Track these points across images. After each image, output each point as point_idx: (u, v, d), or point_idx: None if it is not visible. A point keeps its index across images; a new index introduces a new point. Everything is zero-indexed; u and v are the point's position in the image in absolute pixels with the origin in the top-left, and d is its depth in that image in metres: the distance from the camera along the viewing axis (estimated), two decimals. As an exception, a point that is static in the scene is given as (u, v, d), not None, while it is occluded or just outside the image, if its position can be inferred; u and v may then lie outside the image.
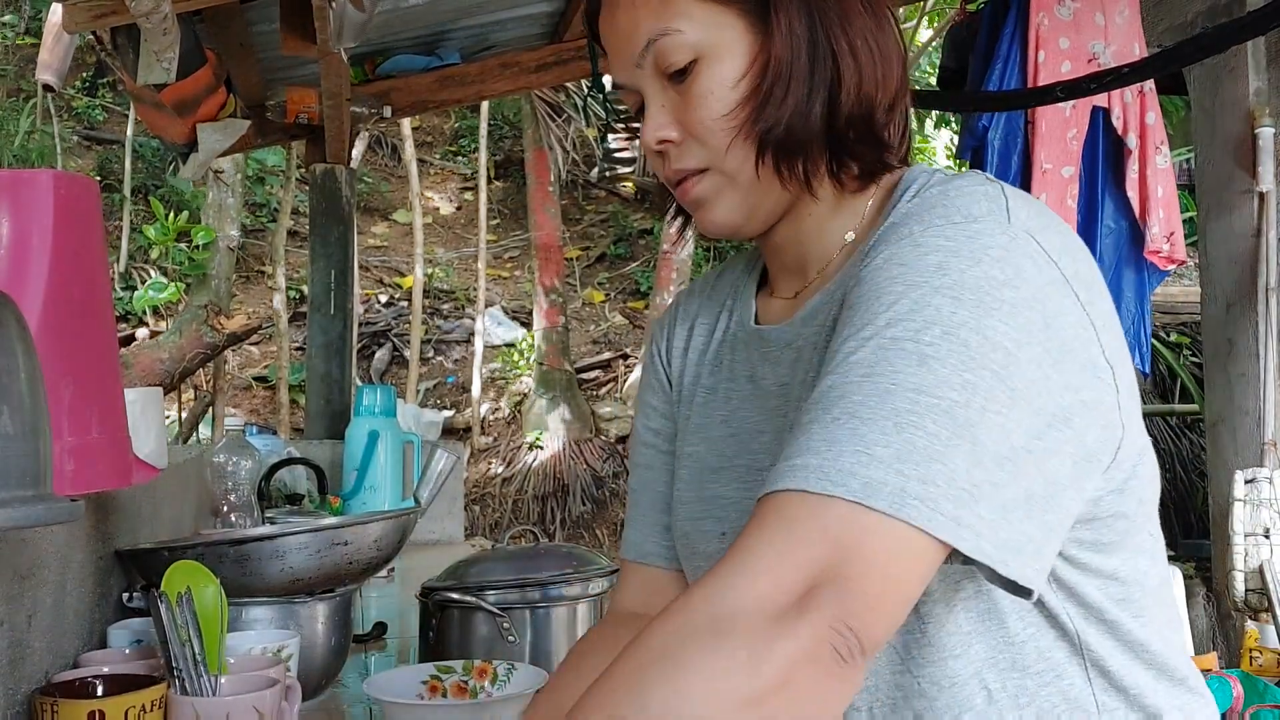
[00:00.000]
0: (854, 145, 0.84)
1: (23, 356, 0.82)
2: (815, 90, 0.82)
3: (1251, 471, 3.21)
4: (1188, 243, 3.75)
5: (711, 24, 0.82)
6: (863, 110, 0.83)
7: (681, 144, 0.86)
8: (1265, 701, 2.55)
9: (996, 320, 0.68)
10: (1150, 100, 3.46)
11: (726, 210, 0.87)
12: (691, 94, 0.84)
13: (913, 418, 0.65)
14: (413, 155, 9.23)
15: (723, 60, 0.83)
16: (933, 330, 0.68)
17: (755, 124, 0.82)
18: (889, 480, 0.63)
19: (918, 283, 0.70)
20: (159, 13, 2.04)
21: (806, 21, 0.82)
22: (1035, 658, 0.79)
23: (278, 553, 1.47)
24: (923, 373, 0.66)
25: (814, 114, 0.82)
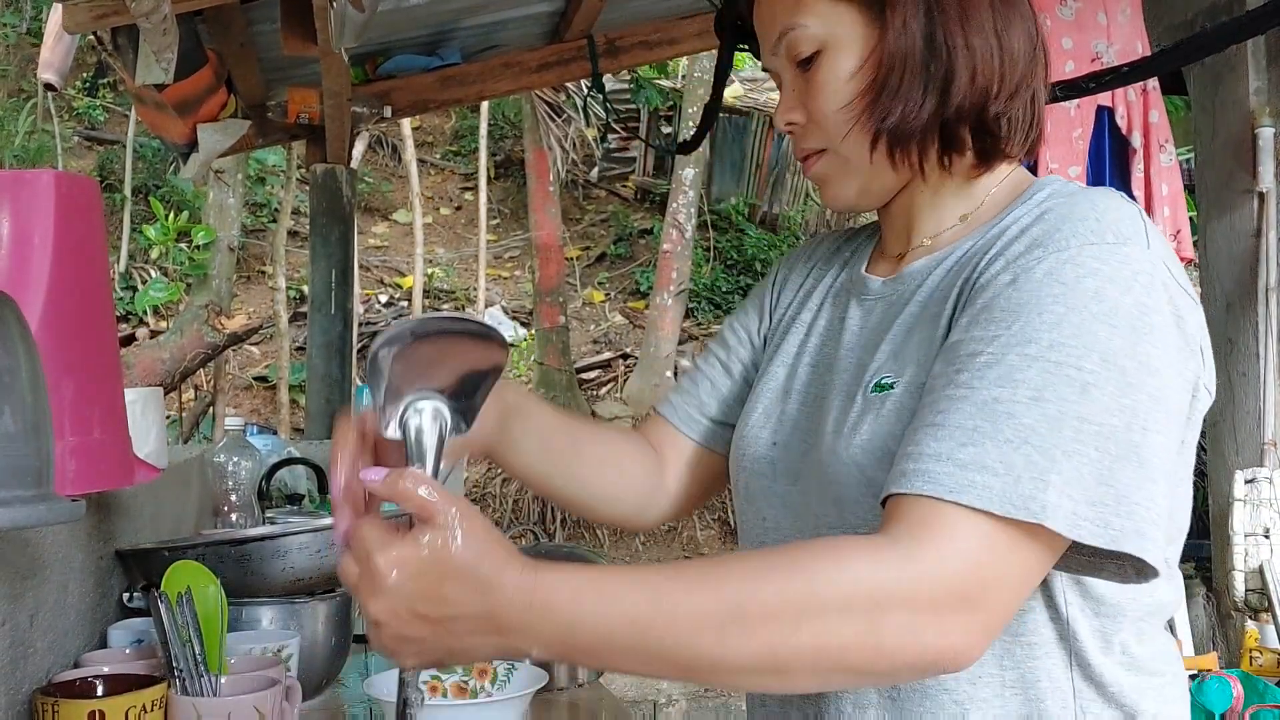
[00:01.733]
0: (966, 136, 0.89)
1: (24, 356, 0.83)
2: (930, 85, 0.87)
3: (1251, 471, 3.21)
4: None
5: (833, 19, 0.89)
6: (975, 102, 0.88)
7: (805, 127, 0.93)
8: (1265, 701, 2.55)
9: (1148, 345, 0.75)
10: (1154, 99, 3.45)
11: (843, 188, 0.94)
12: (814, 83, 0.91)
13: (1078, 446, 0.72)
14: (413, 155, 9.23)
15: (842, 53, 0.89)
16: (1092, 357, 0.74)
17: (869, 115, 0.88)
18: (1063, 505, 0.72)
19: (1077, 307, 0.76)
20: (159, 13, 2.04)
21: (924, 17, 0.87)
22: (1026, 629, 0.83)
23: (278, 553, 1.47)
24: (1085, 402, 0.73)
25: (926, 107, 0.88)
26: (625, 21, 3.79)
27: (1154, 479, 0.74)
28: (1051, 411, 0.73)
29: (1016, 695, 0.83)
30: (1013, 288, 0.79)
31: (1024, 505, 0.71)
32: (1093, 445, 0.72)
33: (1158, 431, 0.75)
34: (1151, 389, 0.75)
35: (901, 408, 0.84)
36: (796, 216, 10.41)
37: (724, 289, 10.18)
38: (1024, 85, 0.89)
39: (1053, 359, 0.74)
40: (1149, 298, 0.76)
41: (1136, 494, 0.73)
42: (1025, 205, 0.87)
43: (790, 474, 0.95)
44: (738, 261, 10.45)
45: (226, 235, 6.72)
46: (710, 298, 10.08)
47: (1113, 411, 0.73)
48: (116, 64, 2.51)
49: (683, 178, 8.83)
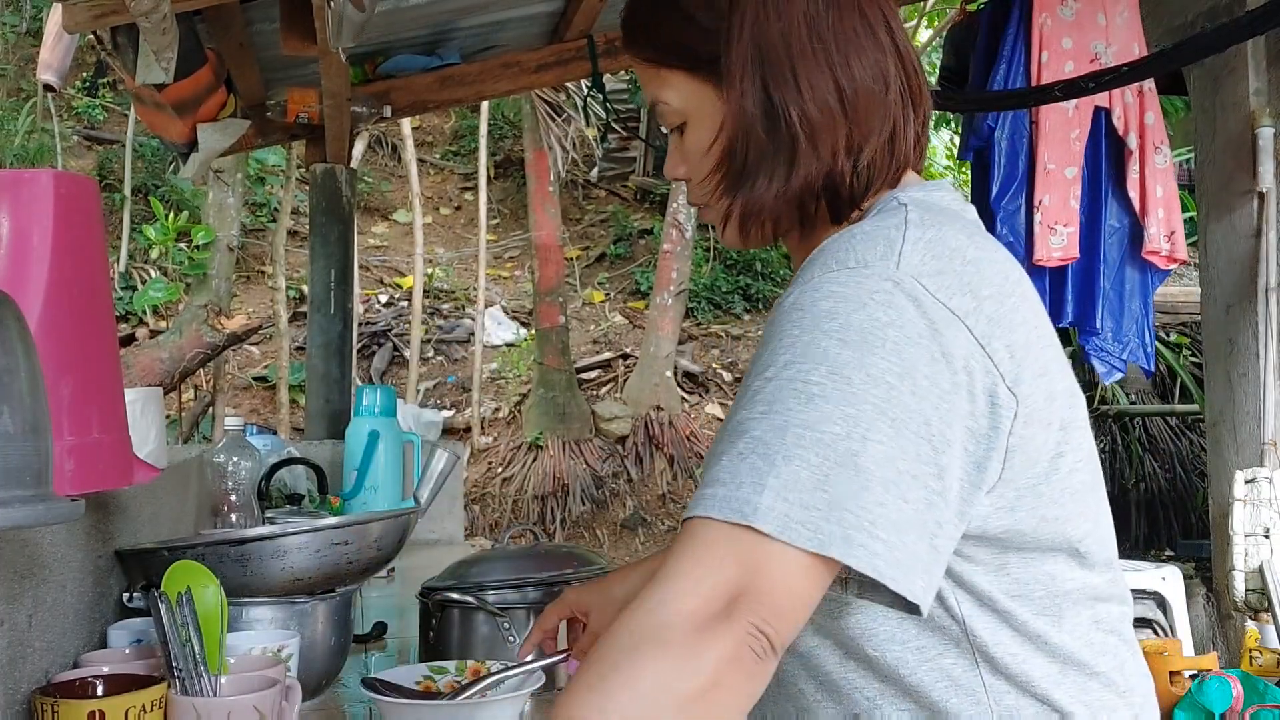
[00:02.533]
0: (818, 204, 0.91)
1: (23, 356, 0.82)
2: (777, 156, 0.89)
3: (1251, 471, 3.21)
4: (1188, 243, 3.75)
5: (688, 93, 0.93)
6: (823, 169, 0.89)
7: (690, 180, 0.97)
8: (1265, 701, 2.54)
9: (878, 358, 0.75)
10: (1149, 100, 3.46)
11: (731, 235, 0.96)
12: (682, 149, 0.96)
13: (800, 451, 0.73)
14: (413, 155, 9.22)
15: (699, 128, 0.93)
16: (820, 370, 0.75)
17: (725, 189, 0.92)
18: (775, 507, 0.72)
19: (810, 326, 0.77)
20: (158, 12, 2.04)
21: (760, 88, 0.88)
22: (915, 633, 0.83)
23: (278, 552, 1.46)
24: (809, 410, 0.74)
25: (776, 184, 0.89)
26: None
27: (870, 487, 0.73)
28: (778, 421, 0.75)
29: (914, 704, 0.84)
30: (769, 323, 0.82)
31: (738, 508, 0.72)
32: (813, 452, 0.73)
33: (879, 441, 0.73)
34: (876, 400, 0.74)
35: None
36: (796, 216, 10.40)
37: (724, 289, 10.18)
38: (879, 126, 0.89)
39: (784, 376, 0.76)
40: (885, 313, 0.76)
41: (850, 501, 0.72)
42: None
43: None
44: (738, 261, 10.45)
45: (226, 235, 6.72)
46: (710, 298, 10.08)
47: (835, 420, 0.74)
48: (116, 64, 2.51)
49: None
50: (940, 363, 0.76)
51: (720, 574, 0.72)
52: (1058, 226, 3.40)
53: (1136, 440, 6.78)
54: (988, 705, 0.83)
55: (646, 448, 8.50)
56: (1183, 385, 6.76)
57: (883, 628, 0.83)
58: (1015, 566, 0.83)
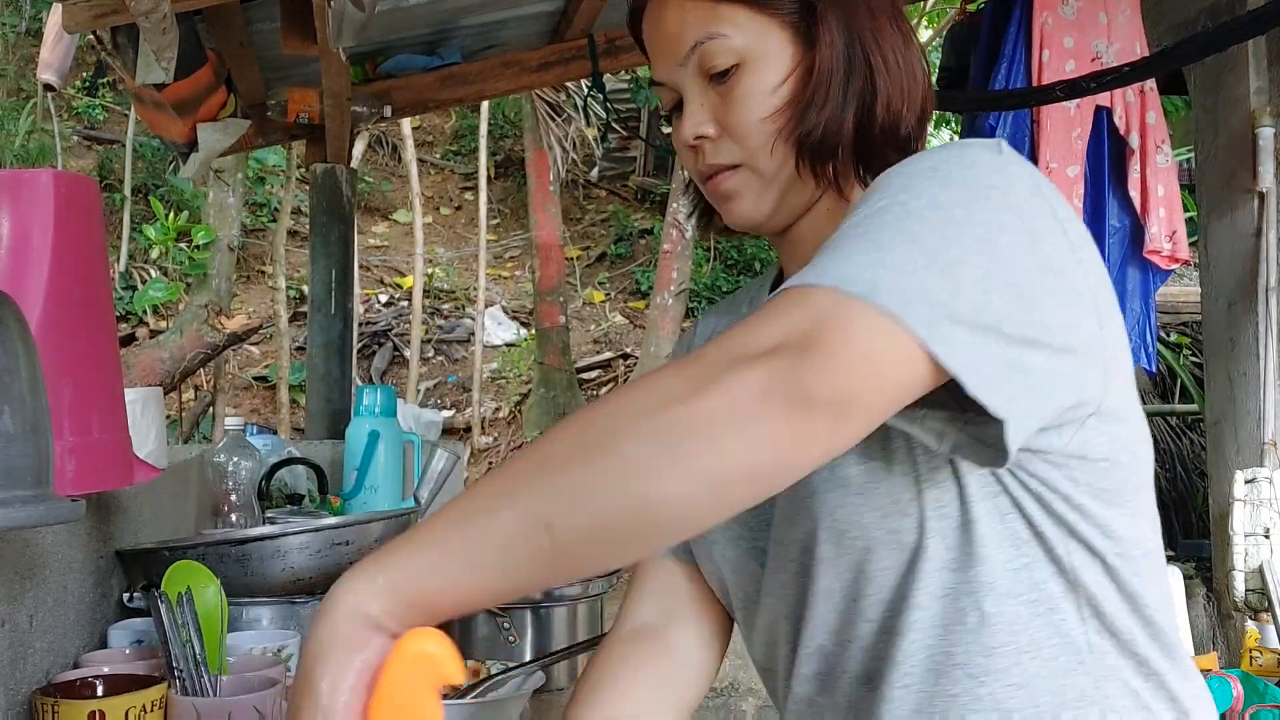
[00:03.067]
0: (881, 151, 0.90)
1: (23, 356, 0.82)
2: (849, 99, 0.88)
3: (1251, 471, 3.21)
4: (1188, 243, 3.75)
5: (757, 32, 0.89)
6: (891, 122, 0.90)
7: (717, 140, 0.91)
8: (1265, 701, 2.55)
9: (981, 207, 0.72)
10: (1151, 99, 3.45)
11: (754, 204, 0.92)
12: (732, 96, 0.90)
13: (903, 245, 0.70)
14: (413, 155, 9.22)
15: (764, 67, 0.89)
16: (919, 201, 0.72)
17: (794, 128, 0.89)
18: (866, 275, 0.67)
19: (912, 174, 0.75)
20: (159, 12, 2.04)
21: (845, 35, 0.89)
22: (1028, 586, 0.82)
23: (278, 552, 1.47)
24: (908, 223, 0.71)
25: (847, 121, 0.88)
26: (625, 21, 3.79)
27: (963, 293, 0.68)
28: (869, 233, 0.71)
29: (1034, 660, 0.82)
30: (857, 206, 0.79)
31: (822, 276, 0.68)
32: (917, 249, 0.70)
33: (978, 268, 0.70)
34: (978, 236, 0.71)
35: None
36: (796, 216, 10.41)
37: (724, 289, 10.18)
38: (926, 108, 0.92)
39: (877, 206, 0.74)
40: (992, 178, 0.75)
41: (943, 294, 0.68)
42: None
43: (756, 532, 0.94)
44: (738, 261, 10.45)
45: (226, 235, 6.72)
46: (710, 298, 10.08)
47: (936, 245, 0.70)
48: (116, 64, 2.51)
49: (683, 178, 8.82)
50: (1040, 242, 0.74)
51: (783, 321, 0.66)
52: (1059, 226, 3.40)
53: (1137, 440, 6.77)
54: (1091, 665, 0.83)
55: (647, 447, 8.49)
56: (1183, 385, 6.76)
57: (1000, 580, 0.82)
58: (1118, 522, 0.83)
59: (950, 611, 0.83)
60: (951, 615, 0.83)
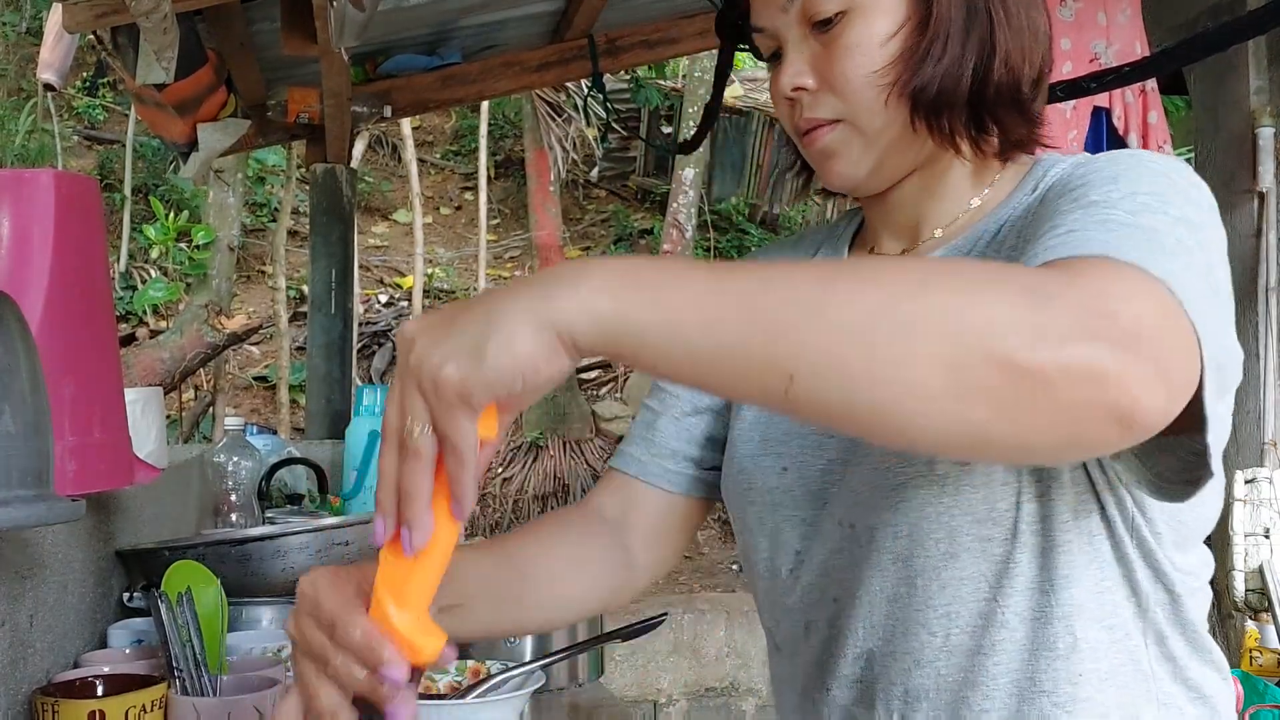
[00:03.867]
0: (999, 113, 0.84)
1: (24, 356, 0.82)
2: (968, 53, 0.82)
3: (1251, 471, 3.21)
4: (1188, 243, 3.76)
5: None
6: (1011, 80, 0.84)
7: (816, 93, 0.85)
8: (1265, 701, 2.55)
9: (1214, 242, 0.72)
10: (1152, 99, 3.45)
11: (854, 163, 0.86)
12: (837, 46, 0.83)
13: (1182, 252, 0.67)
14: (413, 155, 9.22)
15: (874, 16, 0.83)
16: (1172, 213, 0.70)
17: (908, 82, 0.82)
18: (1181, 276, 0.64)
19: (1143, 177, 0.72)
20: (159, 12, 2.04)
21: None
22: (1109, 610, 0.80)
23: (278, 552, 1.47)
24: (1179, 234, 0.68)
25: (965, 77, 0.82)
26: (625, 21, 3.79)
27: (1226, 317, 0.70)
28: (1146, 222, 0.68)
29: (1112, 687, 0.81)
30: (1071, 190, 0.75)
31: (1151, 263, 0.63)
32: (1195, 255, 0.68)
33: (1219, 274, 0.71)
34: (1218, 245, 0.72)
35: None
36: (796, 216, 10.41)
37: (724, 289, 10.16)
38: (1045, 72, 0.87)
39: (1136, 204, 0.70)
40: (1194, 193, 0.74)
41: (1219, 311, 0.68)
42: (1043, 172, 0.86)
43: (815, 498, 0.89)
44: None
45: (226, 235, 6.72)
46: (710, 298, 10.06)
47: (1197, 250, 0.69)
48: (116, 64, 2.51)
49: (683, 178, 8.83)
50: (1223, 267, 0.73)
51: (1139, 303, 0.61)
52: (1059, 226, 3.40)
53: (1137, 440, 6.78)
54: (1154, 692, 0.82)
55: (647, 447, 8.50)
56: (1183, 385, 6.76)
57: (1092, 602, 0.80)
58: (1187, 553, 0.82)
59: (1041, 636, 0.80)
60: (1041, 640, 0.80)
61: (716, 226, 10.37)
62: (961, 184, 0.89)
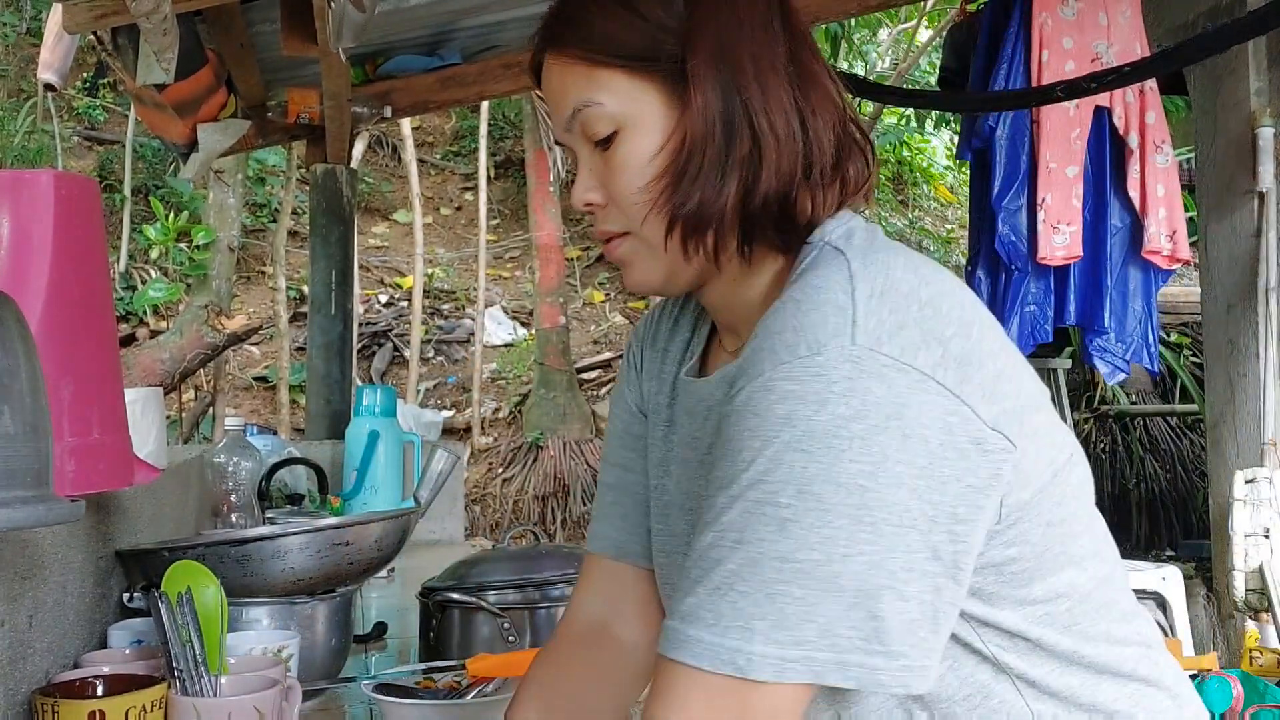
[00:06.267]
0: (767, 224, 0.84)
1: (23, 356, 0.82)
2: (730, 169, 0.83)
3: (1251, 471, 3.21)
4: (1189, 243, 3.75)
5: (631, 97, 0.84)
6: (780, 188, 0.83)
7: (605, 208, 0.88)
8: (1265, 701, 2.54)
9: (847, 461, 0.71)
10: (1151, 100, 3.46)
11: (645, 272, 0.89)
12: (612, 163, 0.86)
13: (780, 586, 0.70)
14: (413, 155, 9.22)
15: (641, 133, 0.85)
16: (788, 490, 0.71)
17: (668, 199, 0.84)
18: (769, 653, 0.70)
19: (771, 438, 0.72)
20: (159, 13, 2.04)
21: (722, 99, 0.82)
22: (958, 684, 0.80)
23: (278, 553, 1.47)
24: (783, 539, 0.71)
25: (727, 193, 0.83)
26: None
27: (860, 603, 0.70)
28: (752, 553, 0.71)
29: None
30: (724, 423, 0.76)
31: (730, 660, 0.70)
32: (795, 584, 0.70)
33: (861, 554, 0.70)
34: (851, 509, 0.70)
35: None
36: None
37: (724, 289, 10.16)
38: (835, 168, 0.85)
39: (750, 497, 0.72)
40: (847, 407, 0.71)
41: (840, 624, 0.70)
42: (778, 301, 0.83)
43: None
44: (738, 262, 10.44)
45: (226, 235, 6.72)
46: (710, 298, 10.06)
47: (812, 545, 0.70)
48: (116, 64, 2.51)
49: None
50: (914, 440, 0.71)
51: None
52: (1061, 225, 3.40)
53: (1137, 440, 6.78)
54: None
55: (647, 448, 8.50)
56: (1183, 385, 6.76)
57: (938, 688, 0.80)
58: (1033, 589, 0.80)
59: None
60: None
61: (716, 227, 10.36)
62: (758, 286, 0.89)
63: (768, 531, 0.71)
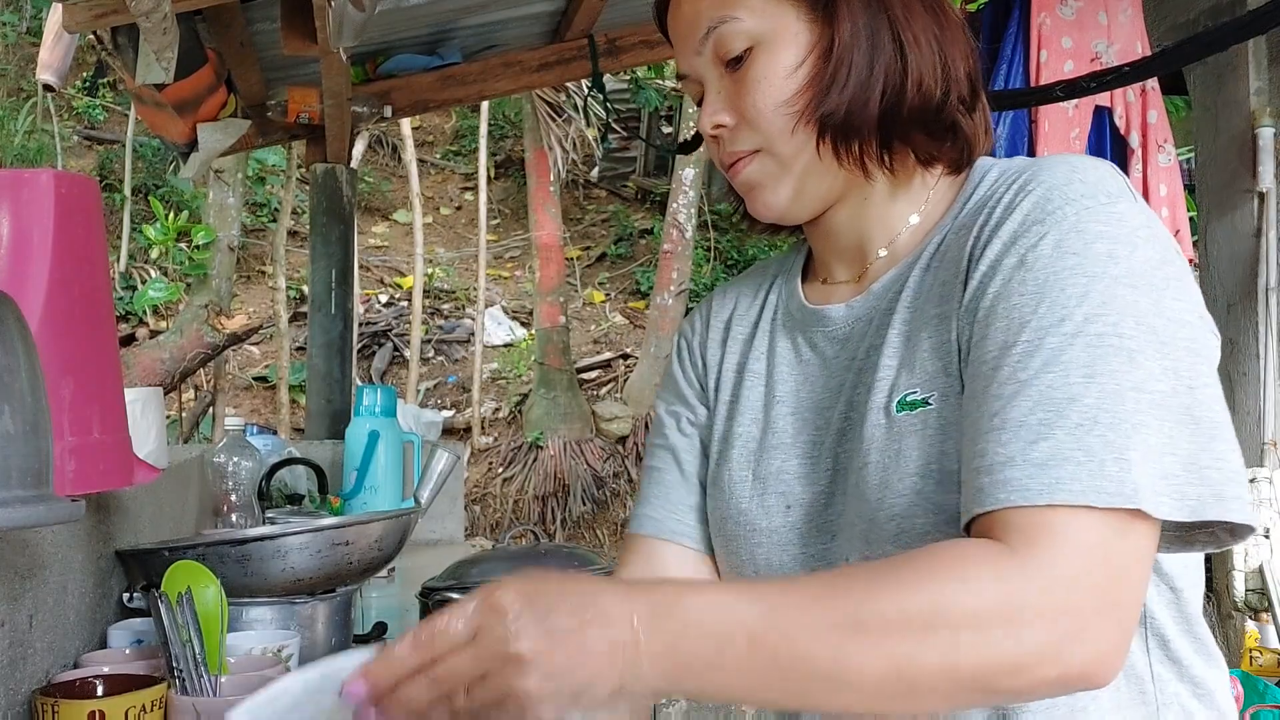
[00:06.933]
0: (910, 133, 0.86)
1: (24, 356, 0.82)
2: (874, 79, 0.85)
3: (1251, 471, 3.21)
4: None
5: (770, 13, 0.86)
6: (922, 103, 0.85)
7: (735, 128, 0.88)
8: (1265, 701, 2.54)
9: (1170, 299, 0.75)
10: (1153, 99, 3.45)
11: (776, 193, 0.89)
12: (746, 80, 0.87)
13: (1142, 417, 0.71)
14: (413, 155, 9.22)
15: (779, 48, 0.86)
16: (1128, 323, 0.73)
17: (815, 110, 0.85)
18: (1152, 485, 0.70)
19: (1098, 274, 0.74)
20: (159, 12, 2.04)
21: (868, 12, 0.85)
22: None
23: (278, 553, 1.46)
24: (1135, 371, 0.72)
25: (872, 102, 0.85)
26: (626, 21, 3.79)
27: (1213, 435, 0.72)
28: (1109, 387, 0.71)
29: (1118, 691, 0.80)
30: (1023, 269, 0.76)
31: (1118, 491, 0.69)
32: (1152, 414, 0.71)
33: (1204, 386, 0.74)
34: (1185, 343, 0.74)
35: (945, 421, 0.79)
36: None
37: (724, 289, 10.16)
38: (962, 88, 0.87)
39: (1093, 332, 0.72)
40: (1155, 250, 0.76)
41: (1202, 456, 0.71)
42: (984, 186, 0.86)
43: (823, 532, 0.88)
44: (738, 261, 10.45)
45: (226, 235, 6.72)
46: (710, 298, 10.06)
47: (1160, 375, 0.72)
48: (116, 64, 2.51)
49: (683, 178, 8.83)
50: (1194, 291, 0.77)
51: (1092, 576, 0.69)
52: (1059, 226, 3.41)
53: (1137, 440, 6.78)
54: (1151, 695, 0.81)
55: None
56: (1183, 385, 6.76)
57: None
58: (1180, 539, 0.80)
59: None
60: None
61: (716, 226, 10.37)
62: (897, 203, 0.90)
63: (1119, 363, 0.72)
